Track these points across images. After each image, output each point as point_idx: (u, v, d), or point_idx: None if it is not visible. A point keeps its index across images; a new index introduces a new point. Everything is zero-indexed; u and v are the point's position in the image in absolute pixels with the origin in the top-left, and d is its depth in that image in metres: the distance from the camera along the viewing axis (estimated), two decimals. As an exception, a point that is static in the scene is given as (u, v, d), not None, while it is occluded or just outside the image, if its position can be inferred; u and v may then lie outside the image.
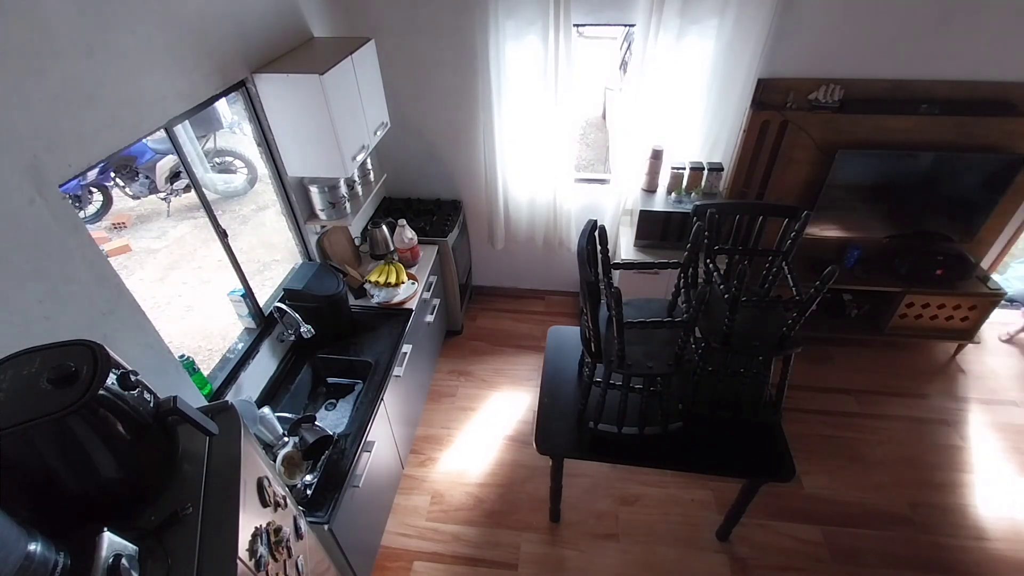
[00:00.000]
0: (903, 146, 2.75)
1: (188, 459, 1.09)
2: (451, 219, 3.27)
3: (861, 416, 3.02)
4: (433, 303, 3.07)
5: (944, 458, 2.80)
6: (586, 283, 1.72)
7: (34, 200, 1.21)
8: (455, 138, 3.18)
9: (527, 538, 2.48)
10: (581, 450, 2.06)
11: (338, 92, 2.13)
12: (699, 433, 2.04)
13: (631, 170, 3.09)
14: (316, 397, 2.44)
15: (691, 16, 2.54)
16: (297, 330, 2.25)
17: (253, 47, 2.06)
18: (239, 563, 0.96)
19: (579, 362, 2.35)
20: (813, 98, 2.69)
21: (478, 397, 3.19)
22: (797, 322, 1.73)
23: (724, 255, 2.07)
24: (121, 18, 1.46)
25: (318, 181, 2.45)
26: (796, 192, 3.00)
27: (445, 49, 2.81)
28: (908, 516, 2.54)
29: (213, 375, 2.02)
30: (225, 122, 5.42)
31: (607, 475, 2.72)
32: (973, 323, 3.19)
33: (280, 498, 1.28)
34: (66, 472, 0.91)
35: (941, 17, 2.45)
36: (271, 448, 1.93)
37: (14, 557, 0.73)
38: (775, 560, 2.38)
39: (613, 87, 6.52)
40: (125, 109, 1.48)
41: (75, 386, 0.86)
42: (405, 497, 2.66)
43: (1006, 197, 2.81)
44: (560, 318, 3.73)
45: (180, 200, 5.13)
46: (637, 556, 2.41)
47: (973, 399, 3.11)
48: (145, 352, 1.56)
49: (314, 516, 1.77)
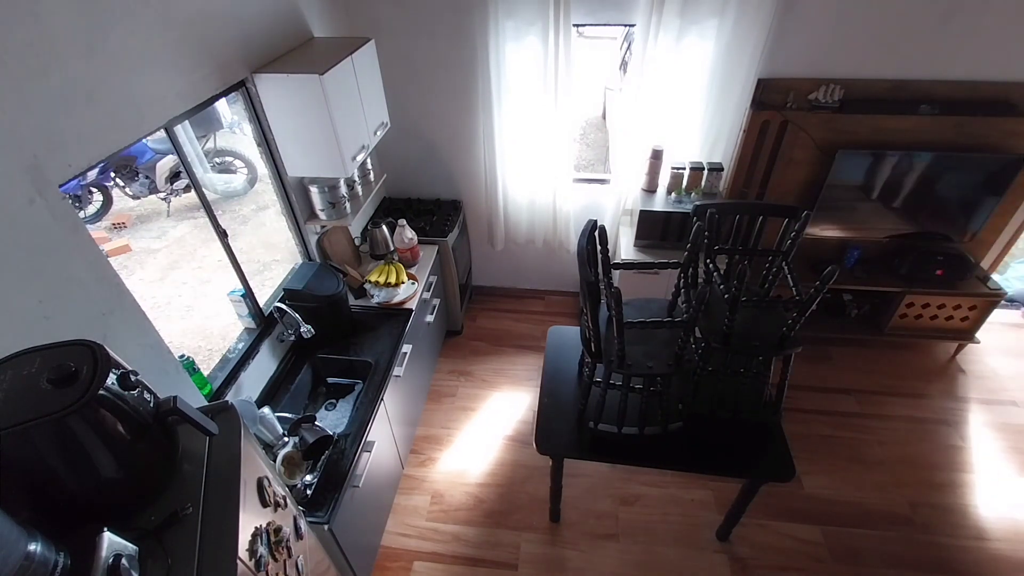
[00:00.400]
0: (903, 146, 2.75)
1: (188, 459, 1.09)
2: (451, 219, 3.27)
3: (861, 416, 3.02)
4: (433, 303, 3.07)
5: (944, 458, 2.80)
6: (586, 283, 1.72)
7: (34, 200, 1.21)
8: (455, 138, 3.18)
9: (527, 538, 2.48)
10: (581, 450, 2.06)
11: (338, 92, 2.13)
12: (699, 433, 2.04)
13: (631, 170, 3.09)
14: (316, 397, 2.44)
15: (691, 16, 2.55)
16: (297, 330, 2.25)
17: (253, 47, 2.06)
18: (239, 563, 0.96)
19: (579, 362, 2.35)
20: (813, 98, 2.69)
21: (478, 397, 3.19)
22: (797, 322, 1.73)
23: (724, 255, 2.07)
24: (121, 18, 1.46)
25: (318, 181, 2.45)
26: (796, 192, 3.00)
27: (445, 49, 2.81)
28: (908, 516, 2.54)
29: (213, 375, 2.02)
30: (225, 122, 5.42)
31: (607, 475, 2.72)
32: (973, 323, 3.19)
33: (280, 498, 1.28)
34: (66, 472, 0.91)
35: (941, 17, 2.45)
36: (271, 448, 1.93)
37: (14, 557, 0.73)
38: (775, 560, 2.38)
39: (613, 87, 6.52)
40: (125, 109, 1.48)
41: (75, 386, 0.86)
42: (405, 497, 2.66)
43: (1006, 197, 2.81)
44: (560, 318, 3.73)
45: (180, 200, 5.13)
46: (637, 556, 2.41)
47: (973, 399, 3.11)
48: (145, 352, 1.56)
49: (314, 516, 1.77)
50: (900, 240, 3.07)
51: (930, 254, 3.01)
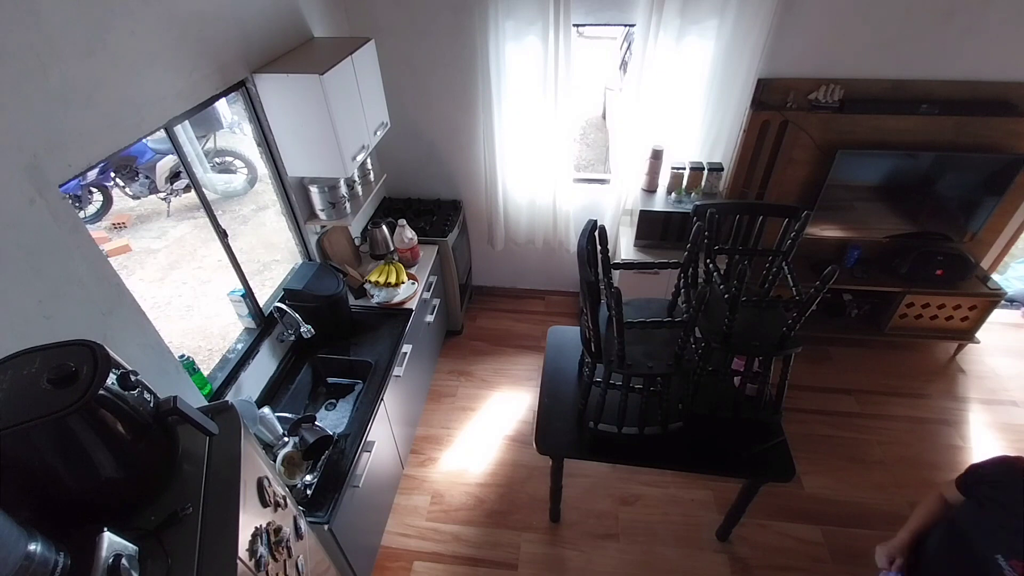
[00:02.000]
0: (903, 146, 2.75)
1: (188, 459, 1.09)
2: (451, 219, 3.27)
3: (861, 416, 3.02)
4: (433, 303, 3.07)
5: (944, 458, 2.80)
6: (586, 283, 1.72)
7: (34, 200, 1.21)
8: (455, 138, 3.18)
9: (527, 538, 2.48)
10: (581, 450, 2.06)
11: (338, 92, 2.13)
12: (699, 433, 2.04)
13: (631, 170, 3.09)
14: (316, 397, 2.44)
15: (691, 16, 2.55)
16: (297, 330, 2.25)
17: (253, 47, 2.06)
18: (239, 563, 0.96)
19: (579, 362, 2.35)
20: (813, 98, 2.69)
21: (478, 397, 3.19)
22: (797, 322, 1.73)
23: (724, 255, 2.07)
24: (121, 18, 1.46)
25: (318, 181, 2.45)
26: (796, 192, 3.00)
27: (445, 49, 2.81)
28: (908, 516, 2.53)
29: (213, 375, 2.02)
30: (225, 122, 5.42)
31: (607, 475, 2.72)
32: (973, 323, 3.19)
33: (280, 498, 1.28)
34: (66, 472, 0.91)
35: (941, 17, 2.45)
36: (271, 448, 1.93)
37: (14, 557, 0.73)
38: (775, 560, 2.38)
39: (613, 87, 6.52)
40: (125, 109, 1.48)
41: (75, 386, 0.86)
42: (405, 497, 2.66)
43: (1006, 197, 2.81)
44: (560, 318, 3.73)
45: (180, 200, 5.13)
46: (637, 556, 2.41)
47: (973, 399, 3.11)
48: (145, 352, 1.56)
49: (314, 516, 1.77)
50: (900, 240, 3.06)
51: (930, 254, 3.01)
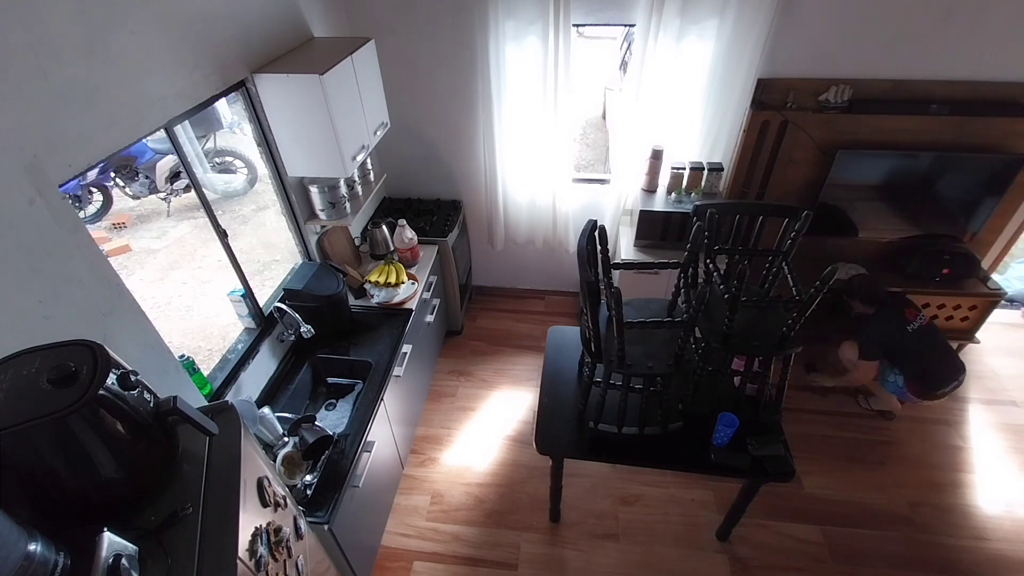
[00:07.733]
0: (903, 146, 2.75)
1: (188, 459, 1.09)
2: (451, 219, 3.27)
3: (861, 416, 3.02)
4: (433, 303, 3.07)
5: (944, 458, 2.80)
6: (586, 283, 1.72)
7: (34, 200, 1.21)
8: (455, 138, 3.18)
9: (527, 538, 2.48)
10: (581, 450, 2.06)
11: (338, 92, 2.13)
12: (699, 433, 2.04)
13: (631, 170, 3.09)
14: (316, 397, 2.44)
15: (691, 16, 2.55)
16: (297, 330, 2.25)
17: (253, 47, 2.06)
18: (239, 563, 0.96)
19: (579, 362, 2.35)
20: (823, 99, 2.68)
21: (478, 397, 3.19)
22: (797, 322, 1.73)
23: (724, 255, 2.07)
24: (121, 18, 1.46)
25: (318, 181, 2.45)
26: (796, 192, 3.00)
27: (445, 49, 2.81)
28: (908, 516, 2.54)
29: (213, 375, 2.02)
30: (225, 122, 5.41)
31: (607, 475, 2.72)
32: (973, 323, 3.19)
33: (280, 498, 1.28)
34: (66, 472, 0.91)
35: (941, 17, 2.45)
36: (271, 448, 1.93)
37: (14, 557, 0.73)
38: (775, 560, 2.38)
39: (613, 87, 6.52)
40: (125, 109, 1.48)
41: (75, 386, 0.86)
42: (405, 497, 2.66)
43: (1006, 197, 2.81)
44: (560, 318, 3.73)
45: (180, 200, 5.13)
46: (637, 556, 2.41)
47: (973, 399, 3.11)
48: (145, 352, 1.56)
49: (314, 516, 1.77)
50: (900, 240, 3.06)
51: (936, 253, 3.00)
